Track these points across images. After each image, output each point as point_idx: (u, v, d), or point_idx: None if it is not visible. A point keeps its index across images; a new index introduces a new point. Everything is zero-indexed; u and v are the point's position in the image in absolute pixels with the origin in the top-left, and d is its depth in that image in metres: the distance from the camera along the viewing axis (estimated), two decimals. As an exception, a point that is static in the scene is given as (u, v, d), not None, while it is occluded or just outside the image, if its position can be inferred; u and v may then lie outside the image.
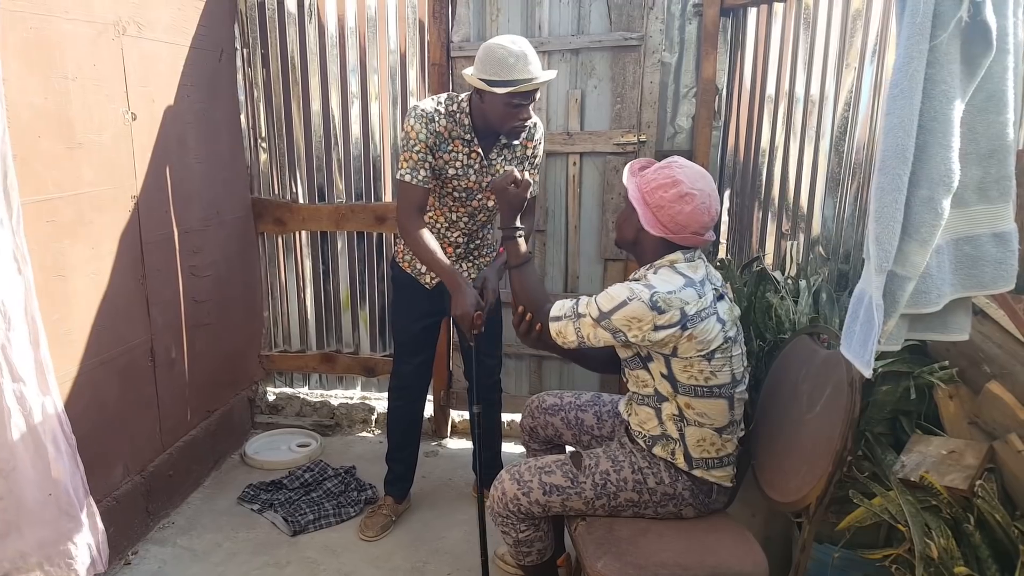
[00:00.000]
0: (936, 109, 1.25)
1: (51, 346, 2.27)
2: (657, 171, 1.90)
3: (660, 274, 1.87)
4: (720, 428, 1.91)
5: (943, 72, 1.24)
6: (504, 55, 2.23)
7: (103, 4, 2.50)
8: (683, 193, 1.83)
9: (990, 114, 1.29)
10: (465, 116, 2.42)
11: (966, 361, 1.92)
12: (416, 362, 2.81)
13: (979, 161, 1.31)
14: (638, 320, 1.79)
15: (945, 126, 1.25)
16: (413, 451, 2.98)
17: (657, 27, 3.10)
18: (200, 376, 3.17)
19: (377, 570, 2.63)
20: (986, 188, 1.32)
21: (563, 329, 1.91)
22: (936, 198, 1.27)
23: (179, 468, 3.02)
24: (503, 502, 2.00)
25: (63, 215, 2.36)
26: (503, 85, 2.24)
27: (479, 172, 2.50)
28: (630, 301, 1.79)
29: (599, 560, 1.82)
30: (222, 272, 3.34)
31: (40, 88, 2.25)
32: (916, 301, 1.34)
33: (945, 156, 1.26)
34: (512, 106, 2.29)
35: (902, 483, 1.78)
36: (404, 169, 2.40)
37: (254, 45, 3.49)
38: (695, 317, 1.79)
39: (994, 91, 1.28)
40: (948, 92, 1.24)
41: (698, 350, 1.82)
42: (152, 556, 2.71)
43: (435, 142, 2.40)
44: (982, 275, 1.35)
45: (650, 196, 1.87)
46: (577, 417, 2.31)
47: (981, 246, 1.34)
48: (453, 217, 2.59)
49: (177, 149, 2.96)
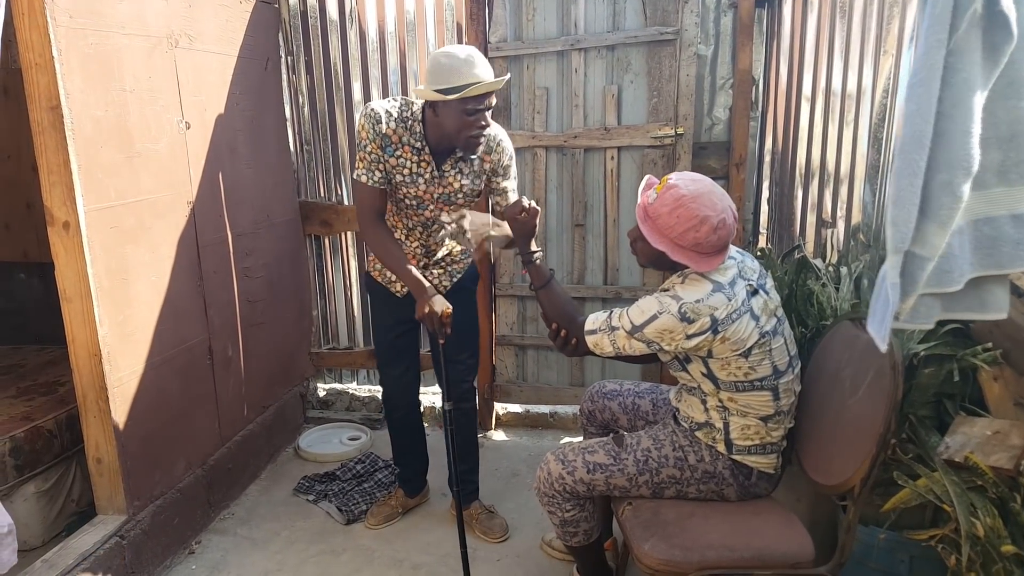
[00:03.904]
0: (956, 96, 1.29)
1: (116, 346, 2.40)
2: (674, 213, 1.84)
3: (688, 282, 1.89)
4: (766, 417, 1.94)
5: (964, 61, 1.28)
6: (450, 62, 2.19)
7: (156, 18, 2.61)
8: (715, 225, 1.82)
9: (1011, 99, 1.33)
10: (417, 124, 2.36)
11: (1010, 343, 1.93)
12: (396, 372, 2.78)
13: (1000, 145, 1.35)
14: (669, 332, 1.84)
15: (965, 113, 1.28)
16: (419, 454, 2.98)
17: (692, 20, 3.13)
18: (255, 373, 3.29)
19: (429, 556, 2.71)
20: (1006, 171, 1.36)
21: (599, 341, 1.98)
22: (955, 182, 1.31)
23: (237, 461, 3.15)
24: (548, 482, 2.07)
25: (125, 221, 2.47)
26: (452, 92, 2.19)
27: (429, 182, 2.43)
28: (660, 315, 1.84)
29: (646, 542, 1.87)
30: (273, 273, 3.45)
31: (100, 101, 2.36)
32: (939, 281, 1.38)
33: (965, 142, 1.30)
34: (468, 113, 2.22)
35: (947, 464, 1.79)
36: (360, 170, 2.37)
37: (298, 53, 3.60)
38: (726, 320, 1.81)
39: (1015, 77, 1.31)
40: (968, 80, 1.28)
41: (733, 350, 1.85)
42: (215, 545, 2.83)
43: (383, 144, 2.34)
44: (1000, 255, 1.39)
45: (682, 240, 1.84)
46: (634, 403, 2.36)
47: (1000, 227, 1.38)
48: (409, 224, 2.54)
49: (228, 156, 3.07)
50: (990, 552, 1.64)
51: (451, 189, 2.47)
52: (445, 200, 2.48)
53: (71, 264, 2.30)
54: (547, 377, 3.69)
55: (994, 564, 1.63)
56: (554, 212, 3.50)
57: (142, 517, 2.55)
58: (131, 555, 2.48)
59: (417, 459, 2.98)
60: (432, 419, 3.82)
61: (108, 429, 2.41)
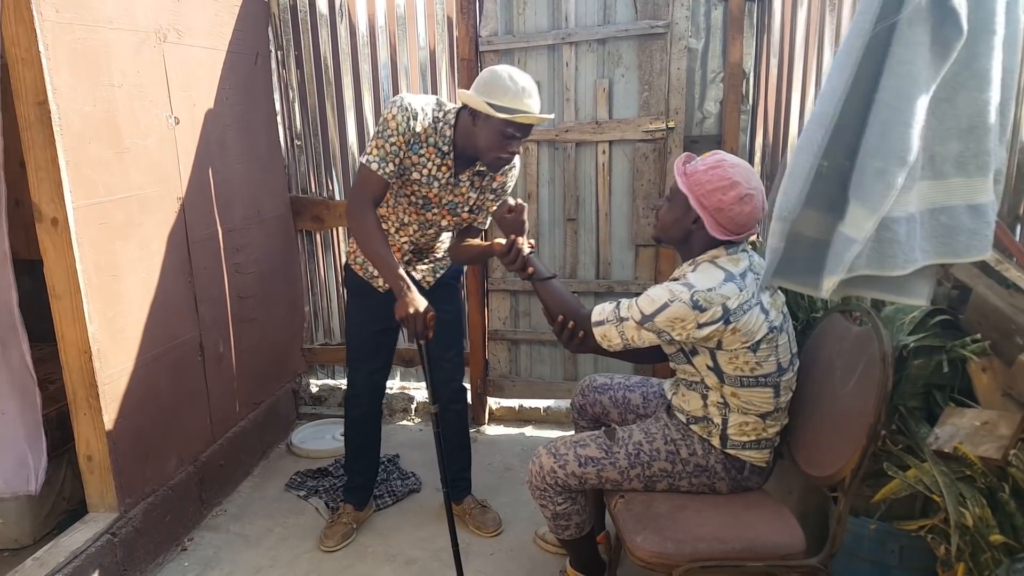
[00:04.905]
0: (899, 87, 1.32)
1: (106, 343, 2.39)
2: (709, 171, 1.88)
3: (700, 270, 1.89)
4: (765, 414, 1.95)
5: (909, 53, 1.30)
6: (511, 84, 2.17)
7: (144, 13, 2.60)
8: (742, 195, 1.85)
9: (972, 91, 1.35)
10: (448, 127, 2.32)
11: (998, 334, 1.94)
12: (368, 370, 2.72)
13: (959, 136, 1.37)
14: (681, 320, 1.82)
15: (907, 104, 1.31)
16: (372, 461, 2.89)
17: (683, 14, 3.13)
18: (247, 369, 3.28)
19: (423, 551, 2.72)
20: (964, 162, 1.38)
21: (607, 333, 1.94)
22: (889, 170, 1.34)
23: (229, 458, 3.14)
24: (540, 475, 2.07)
25: (114, 218, 2.46)
26: (504, 112, 2.16)
27: (443, 187, 2.40)
28: (671, 303, 1.82)
29: (638, 535, 1.88)
30: (264, 269, 3.44)
31: (88, 96, 2.34)
32: (882, 264, 1.43)
33: (904, 132, 1.32)
34: (505, 136, 2.20)
35: (936, 455, 1.81)
36: (372, 156, 2.26)
37: (288, 47, 3.59)
38: (737, 311, 1.81)
39: (979, 69, 1.33)
40: (912, 72, 1.30)
41: (743, 342, 1.84)
42: (207, 542, 2.82)
43: (411, 140, 2.29)
44: (956, 244, 1.42)
45: (707, 199, 1.87)
46: (624, 396, 2.36)
47: (956, 216, 1.41)
48: (405, 220, 2.50)
49: (218, 151, 3.06)
50: (979, 541, 1.66)
51: (461, 199, 2.46)
52: (451, 208, 2.47)
53: (60, 261, 2.29)
54: (540, 372, 3.70)
55: (982, 553, 1.65)
56: (546, 206, 3.49)
57: (134, 514, 2.54)
58: (123, 552, 2.48)
59: (370, 465, 2.89)
60: (425, 414, 3.82)
61: (99, 426, 2.40)
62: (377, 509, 3.00)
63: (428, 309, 2.19)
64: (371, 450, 2.87)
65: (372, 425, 2.84)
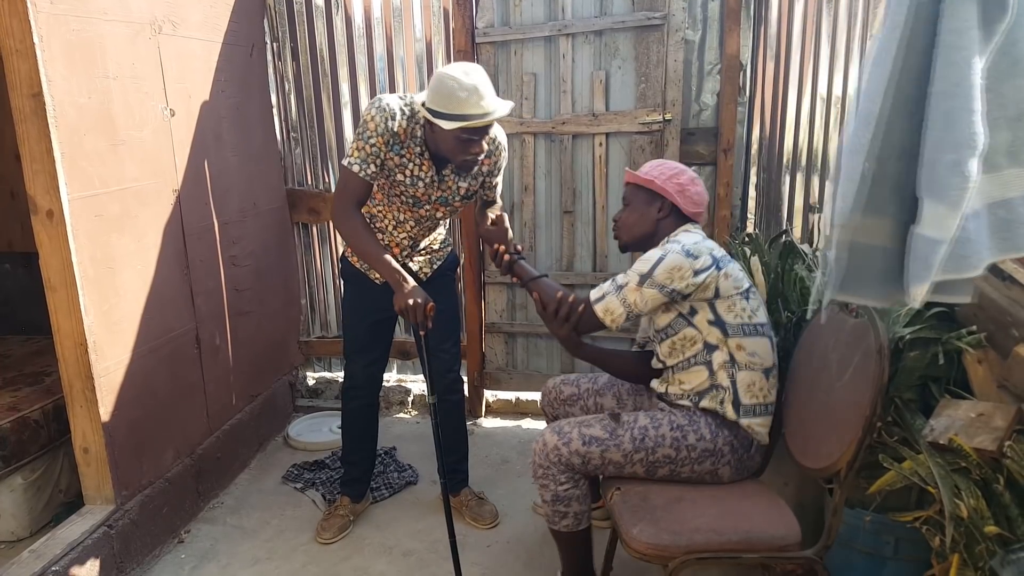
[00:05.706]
0: (959, 75, 1.26)
1: (102, 335, 2.39)
2: (658, 167, 2.15)
3: (679, 235, 2.07)
4: (767, 369, 2.03)
5: (964, 39, 1.25)
6: (454, 88, 2.13)
7: (139, 4, 2.58)
8: (692, 177, 2.14)
9: (1017, 79, 1.30)
10: (419, 128, 2.32)
11: (994, 325, 1.94)
12: (365, 362, 2.72)
13: (1008, 125, 1.32)
14: (678, 268, 1.96)
15: (968, 91, 1.26)
16: (369, 453, 2.89)
17: (680, 5, 3.12)
18: (243, 362, 3.28)
19: (420, 543, 2.72)
20: (1016, 152, 1.33)
21: (608, 305, 2.02)
22: (963, 161, 1.28)
23: (226, 450, 3.14)
24: (544, 452, 2.07)
25: (109, 210, 2.45)
26: (452, 119, 2.14)
27: (429, 185, 2.41)
28: (665, 256, 1.97)
29: (635, 527, 1.88)
30: (261, 262, 3.43)
31: (83, 88, 2.33)
32: (958, 266, 1.33)
33: (969, 120, 1.27)
34: (462, 140, 2.20)
35: (931, 446, 1.81)
36: (354, 158, 2.26)
37: (283, 39, 3.57)
38: (723, 259, 2.01)
39: (1020, 56, 1.29)
40: (969, 58, 1.25)
41: (735, 288, 2.00)
42: (204, 534, 2.82)
43: (390, 140, 2.28)
44: (1017, 238, 1.35)
45: (669, 183, 2.11)
46: (596, 403, 2.37)
47: (1015, 209, 1.34)
48: (401, 218, 2.50)
49: (214, 143, 3.05)
50: (973, 533, 1.66)
51: (450, 192, 2.47)
52: (443, 202, 2.48)
53: (55, 253, 2.28)
54: (537, 364, 3.70)
55: (977, 544, 1.65)
56: (543, 199, 3.49)
57: (130, 507, 2.54)
58: (119, 545, 2.48)
59: (367, 458, 2.89)
60: (422, 407, 3.83)
61: (95, 419, 2.40)
62: (374, 501, 3.00)
63: (427, 300, 2.20)
64: (368, 442, 2.88)
65: (369, 417, 2.85)
